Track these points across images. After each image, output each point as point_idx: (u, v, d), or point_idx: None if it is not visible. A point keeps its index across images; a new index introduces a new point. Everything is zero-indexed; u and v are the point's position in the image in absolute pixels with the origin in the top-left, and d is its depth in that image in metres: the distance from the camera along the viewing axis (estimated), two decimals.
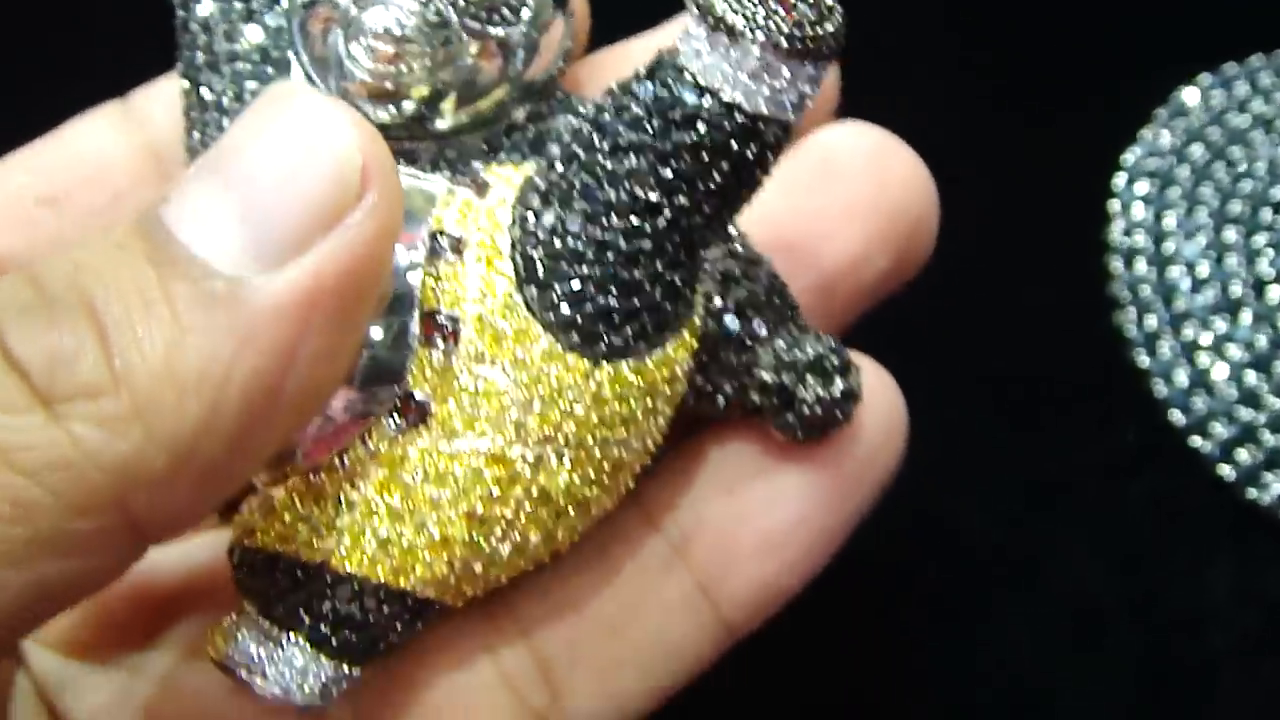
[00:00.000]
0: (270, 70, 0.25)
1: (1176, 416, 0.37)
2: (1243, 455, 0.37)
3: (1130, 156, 0.40)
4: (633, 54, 0.27)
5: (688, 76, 0.20)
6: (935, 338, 0.38)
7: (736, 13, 0.20)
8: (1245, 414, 0.37)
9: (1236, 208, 0.39)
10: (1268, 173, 0.40)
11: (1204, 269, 0.39)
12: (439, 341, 0.21)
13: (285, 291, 0.18)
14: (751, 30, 0.20)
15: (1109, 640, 0.35)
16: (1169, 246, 0.39)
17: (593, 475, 0.22)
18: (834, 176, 0.26)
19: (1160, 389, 0.37)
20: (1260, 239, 0.39)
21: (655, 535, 0.25)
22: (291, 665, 0.22)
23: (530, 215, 0.21)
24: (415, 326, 0.21)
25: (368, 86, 0.23)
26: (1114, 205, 0.40)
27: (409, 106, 0.24)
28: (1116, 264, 0.39)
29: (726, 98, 0.20)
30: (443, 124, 0.24)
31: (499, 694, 0.25)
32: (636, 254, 0.21)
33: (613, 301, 0.21)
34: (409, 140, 0.24)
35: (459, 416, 0.21)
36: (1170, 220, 0.39)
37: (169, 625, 0.25)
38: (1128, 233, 0.39)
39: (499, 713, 0.25)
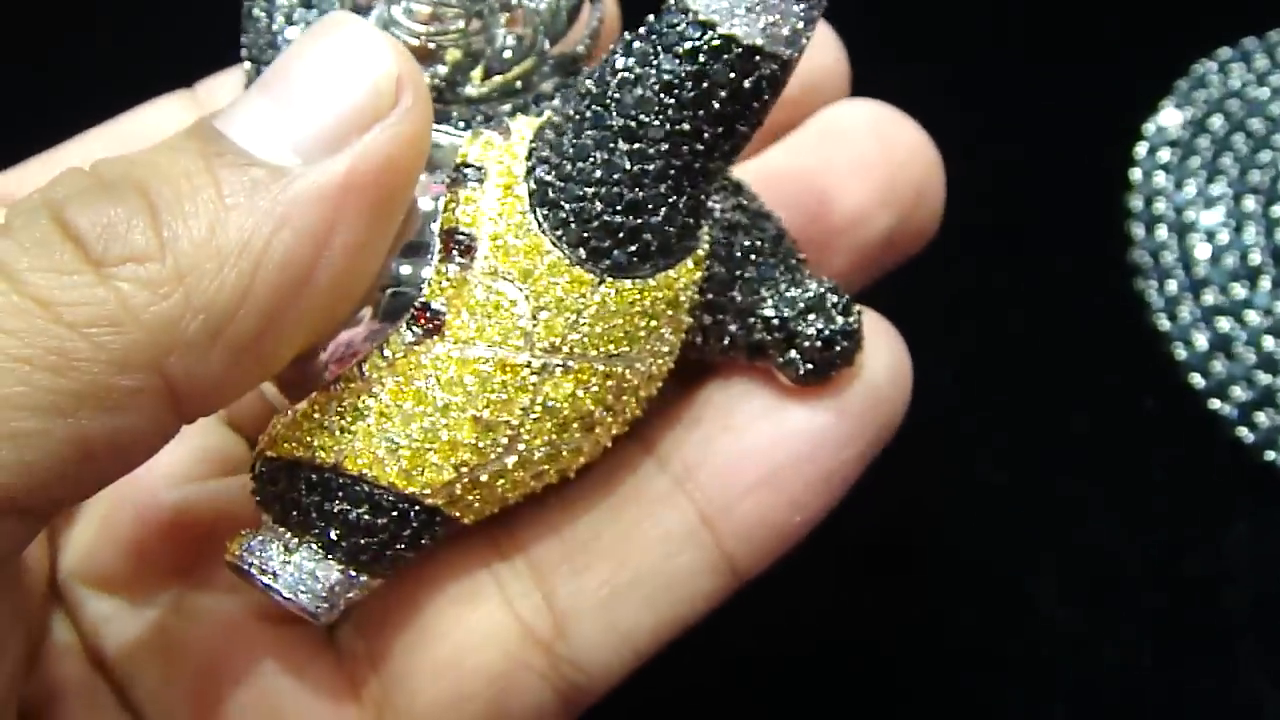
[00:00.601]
0: None
1: (1196, 380, 0.38)
2: (1261, 418, 0.37)
3: (1151, 127, 0.41)
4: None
5: (690, 13, 0.22)
6: (961, 303, 0.38)
7: None
8: (1264, 378, 0.37)
9: (1255, 177, 0.40)
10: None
11: (1223, 236, 0.39)
12: (456, 256, 0.22)
13: (323, 179, 0.19)
14: None
15: (1129, 599, 0.35)
16: (1189, 214, 0.39)
17: (595, 389, 0.23)
18: (839, 141, 0.28)
19: (1180, 353, 0.38)
20: (1278, 209, 0.39)
21: (658, 468, 0.26)
22: (301, 569, 0.23)
23: (545, 144, 0.23)
24: (436, 244, 0.23)
25: (408, 46, 0.24)
26: (1135, 174, 0.40)
27: (443, 70, 0.25)
28: (1138, 231, 0.40)
29: (725, 30, 0.22)
30: (473, 90, 0.25)
31: (505, 621, 0.25)
32: (641, 176, 0.22)
33: (618, 219, 0.22)
34: (442, 104, 0.25)
35: (471, 325, 0.22)
36: (1190, 189, 0.40)
37: (205, 563, 0.25)
38: (1149, 201, 0.40)
39: (504, 640, 0.25)
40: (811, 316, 0.25)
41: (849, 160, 0.27)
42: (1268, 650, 0.35)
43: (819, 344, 0.25)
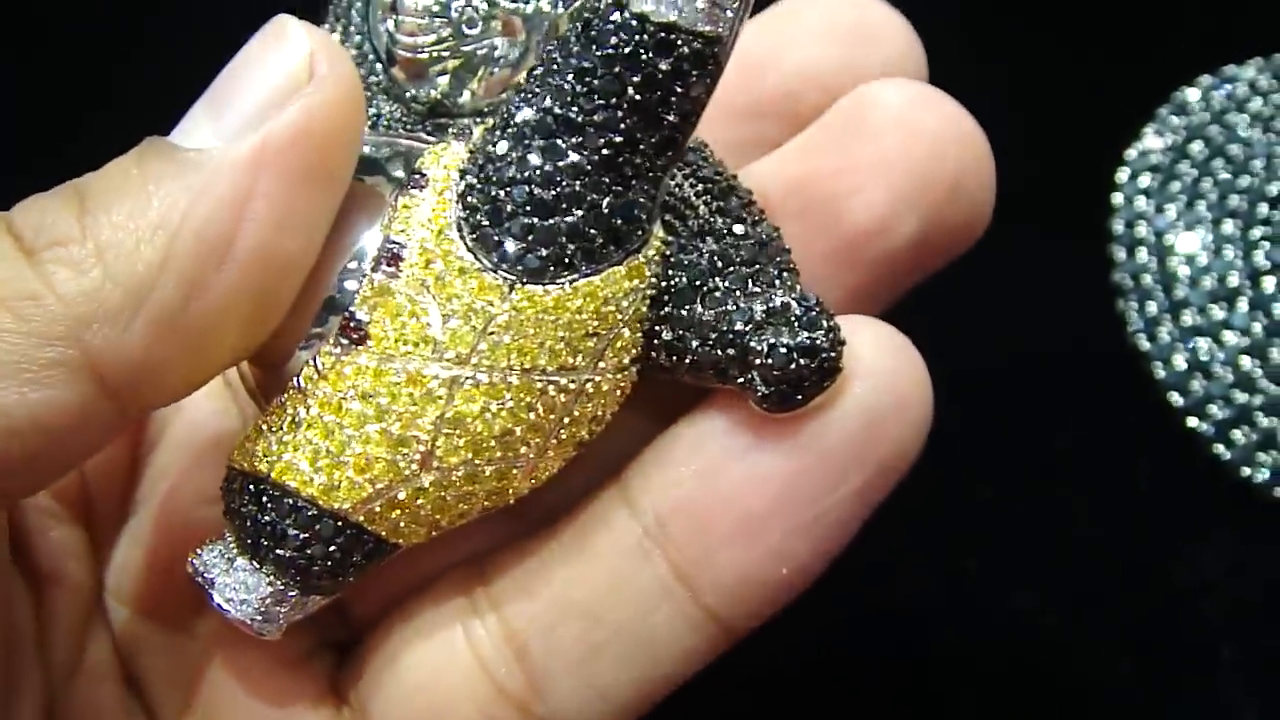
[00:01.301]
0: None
1: (1175, 398, 0.39)
2: (1238, 436, 0.38)
3: (1133, 152, 0.42)
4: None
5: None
6: (946, 320, 0.39)
7: None
8: (1240, 397, 0.38)
9: (1234, 201, 0.41)
10: (1265, 169, 0.41)
11: (1203, 259, 0.40)
12: (384, 265, 0.22)
13: (238, 151, 0.20)
14: None
15: (1110, 610, 0.36)
16: (1169, 238, 0.41)
17: (511, 404, 0.22)
18: (860, 134, 0.24)
19: (1160, 372, 0.39)
20: (1257, 232, 0.40)
21: (632, 519, 0.24)
22: (238, 579, 0.23)
23: (479, 148, 0.22)
24: (372, 252, 0.22)
25: (404, 62, 0.25)
26: (1117, 198, 0.41)
27: (441, 82, 0.25)
28: (1119, 254, 0.41)
29: (635, 8, 0.20)
30: (471, 100, 0.25)
31: (476, 680, 0.24)
32: (554, 174, 0.21)
33: (529, 220, 0.21)
34: (443, 117, 0.25)
35: (391, 335, 0.22)
36: (1171, 213, 0.41)
37: None
38: (1130, 224, 0.41)
39: (477, 698, 0.24)
40: (768, 330, 0.22)
41: (868, 160, 0.24)
42: (1246, 659, 0.36)
43: (773, 362, 0.22)
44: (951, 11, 0.44)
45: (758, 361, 0.22)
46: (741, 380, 0.22)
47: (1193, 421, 0.38)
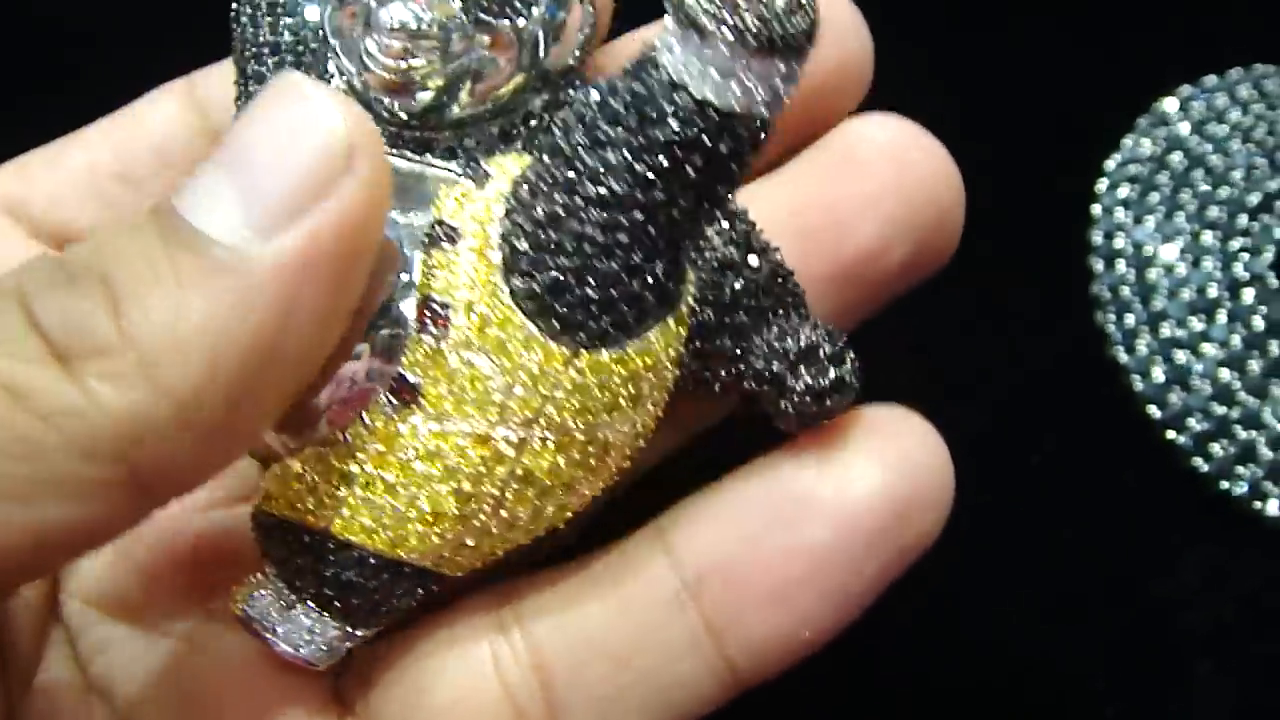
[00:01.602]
0: (311, 57, 0.25)
1: (1153, 411, 0.39)
2: (1216, 449, 0.38)
3: (1112, 163, 0.42)
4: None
5: (662, 73, 0.21)
6: (925, 334, 0.39)
7: (705, 10, 0.20)
8: (1219, 409, 0.38)
9: (1214, 213, 0.41)
10: (1244, 180, 0.41)
11: (1182, 270, 0.40)
12: (431, 327, 0.22)
13: (281, 255, 0.19)
14: (718, 27, 0.20)
15: (1087, 624, 0.36)
16: (1148, 249, 0.41)
17: (577, 457, 0.23)
18: (855, 165, 0.26)
19: (1138, 384, 0.39)
20: (1236, 243, 0.40)
21: (670, 568, 0.25)
22: (300, 625, 0.24)
23: (518, 207, 0.22)
24: (411, 312, 0.22)
25: (383, 80, 0.24)
26: (1096, 209, 0.41)
27: (425, 97, 0.24)
28: (1098, 265, 0.41)
29: (697, 94, 0.20)
30: (458, 113, 0.25)
31: (501, 704, 0.25)
32: (613, 247, 0.21)
33: (591, 292, 0.22)
34: (425, 130, 0.25)
35: (448, 399, 0.22)
36: (1150, 224, 0.41)
37: (220, 594, 0.26)
38: (1109, 235, 0.41)
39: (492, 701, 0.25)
40: (802, 369, 0.24)
41: (866, 191, 0.26)
42: (1222, 673, 0.36)
43: (809, 398, 0.24)
44: (935, 22, 0.44)
45: (795, 398, 0.24)
46: (772, 410, 0.25)
47: (1171, 434, 0.38)
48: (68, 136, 0.29)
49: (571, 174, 0.21)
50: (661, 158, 0.21)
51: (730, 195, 0.23)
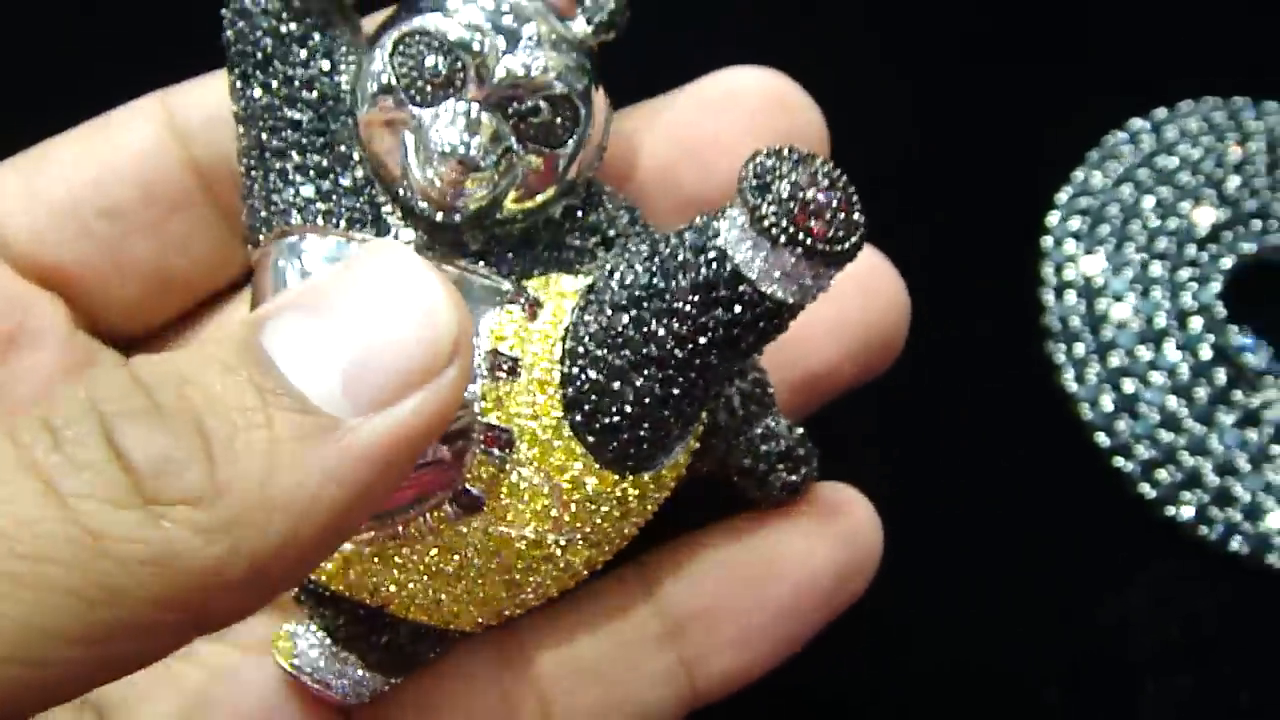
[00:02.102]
0: (332, 118, 0.26)
1: (1102, 439, 0.40)
2: (1162, 475, 0.39)
3: (1063, 195, 0.43)
4: (657, 126, 0.30)
5: (730, 265, 0.23)
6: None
7: (782, 226, 0.22)
8: (1166, 437, 0.39)
9: (1162, 244, 0.42)
10: (1192, 211, 0.42)
11: (1130, 300, 0.41)
12: (495, 450, 0.25)
13: (374, 439, 0.20)
14: (792, 244, 0.22)
15: (1038, 645, 0.37)
16: (1098, 280, 0.42)
17: (607, 550, 0.27)
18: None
19: (1087, 413, 0.40)
20: (1184, 274, 0.41)
21: (655, 616, 0.30)
22: (349, 678, 0.28)
23: (582, 353, 0.25)
24: (477, 433, 0.25)
25: (429, 196, 0.26)
26: (1047, 241, 0.42)
27: (470, 211, 0.26)
28: (1048, 296, 0.42)
29: (762, 288, 0.23)
30: (498, 220, 0.27)
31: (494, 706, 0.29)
32: (668, 399, 0.25)
33: (643, 434, 0.25)
34: (457, 231, 0.26)
35: (508, 510, 0.25)
36: (1100, 255, 0.42)
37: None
38: (1059, 268, 0.42)
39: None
40: (780, 468, 0.29)
41: (829, 318, 0.30)
42: (1168, 697, 0.37)
43: (785, 491, 0.29)
44: (891, 57, 0.45)
45: (773, 491, 0.29)
46: (751, 494, 0.30)
47: (1119, 461, 0.39)
48: (35, 151, 0.29)
49: (636, 335, 0.24)
50: (722, 334, 0.24)
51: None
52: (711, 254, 0.23)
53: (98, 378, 0.19)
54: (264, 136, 0.26)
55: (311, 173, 0.26)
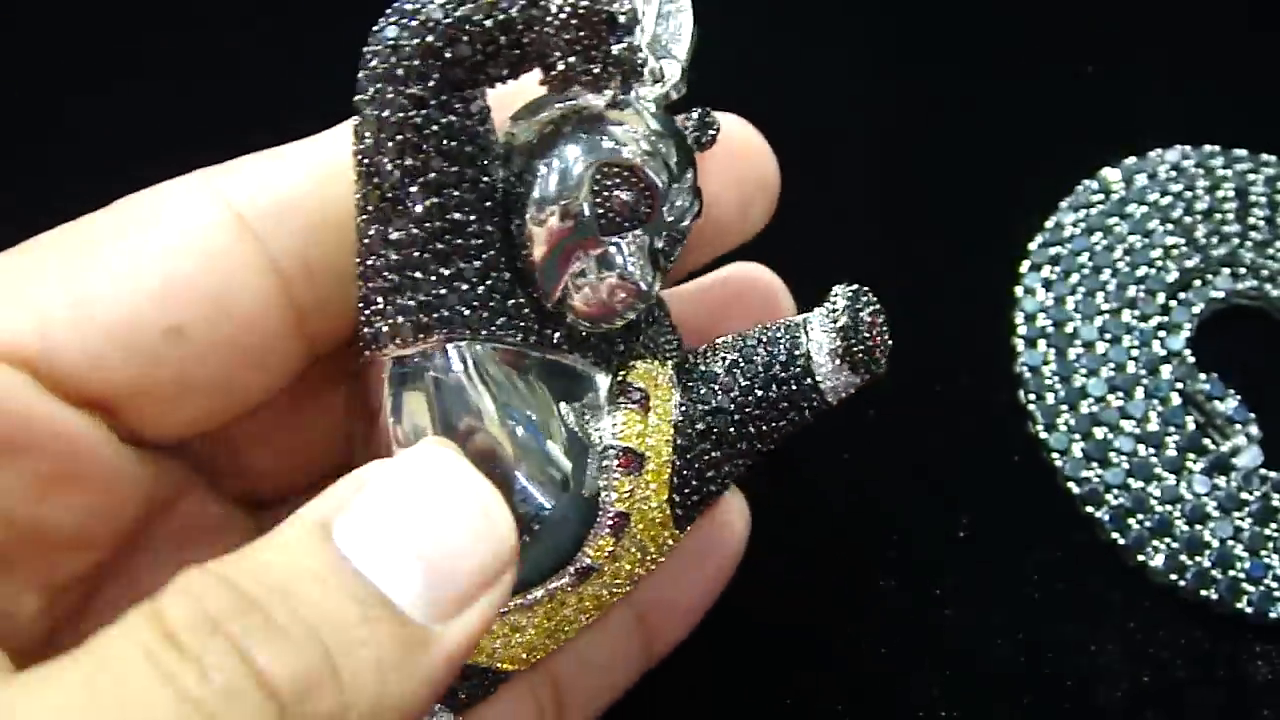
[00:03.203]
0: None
1: (1073, 487, 0.40)
2: (1133, 523, 0.39)
3: (1035, 244, 0.43)
4: None
5: (812, 381, 0.28)
6: (851, 412, 0.41)
7: (863, 360, 0.28)
8: (1136, 484, 0.40)
9: (1133, 292, 0.42)
10: (1163, 259, 0.43)
11: (1101, 349, 0.42)
12: (616, 530, 0.28)
13: (459, 644, 0.22)
14: (867, 372, 0.28)
15: (1006, 697, 0.38)
16: (1069, 328, 0.42)
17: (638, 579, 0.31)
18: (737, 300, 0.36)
19: (1059, 461, 0.40)
20: (1154, 322, 0.42)
21: (628, 609, 0.34)
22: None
23: (689, 449, 0.29)
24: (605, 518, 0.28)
25: (593, 315, 0.27)
26: (1019, 290, 0.43)
27: (617, 324, 0.28)
28: (1020, 345, 0.42)
29: (829, 399, 0.29)
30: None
31: (526, 700, 0.32)
32: (732, 472, 0.29)
33: (709, 497, 0.29)
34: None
35: (610, 573, 0.29)
36: (1071, 304, 0.42)
37: None
38: (1030, 317, 0.42)
39: (524, 708, 0.32)
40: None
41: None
42: None
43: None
44: (873, 100, 0.46)
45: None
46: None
47: (1090, 509, 0.40)
48: (72, 243, 0.25)
49: (733, 431, 0.29)
50: (785, 425, 0.29)
51: None
52: (799, 370, 0.28)
53: (207, 590, 0.20)
54: (420, 219, 0.25)
55: (476, 264, 0.26)
